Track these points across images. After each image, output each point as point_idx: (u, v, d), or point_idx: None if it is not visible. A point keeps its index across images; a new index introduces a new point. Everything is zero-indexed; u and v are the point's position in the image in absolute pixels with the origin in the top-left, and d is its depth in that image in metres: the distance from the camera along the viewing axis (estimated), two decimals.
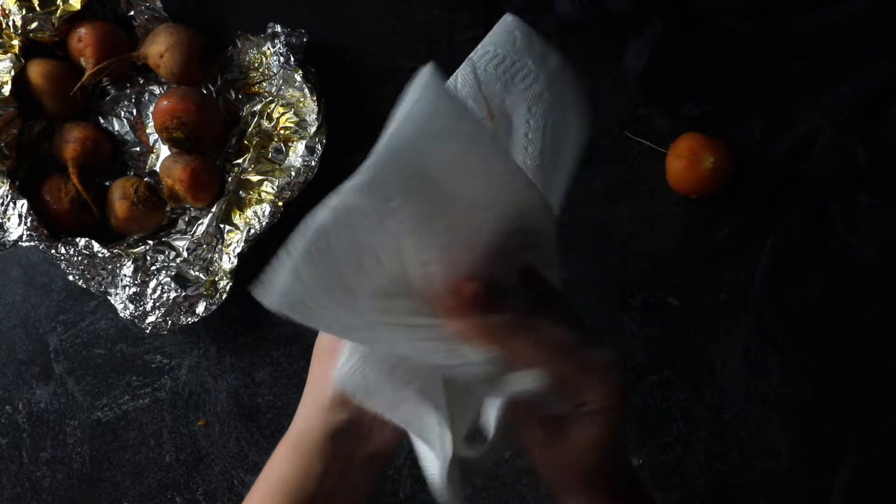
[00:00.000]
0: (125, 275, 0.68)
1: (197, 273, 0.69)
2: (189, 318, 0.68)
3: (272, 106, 0.72)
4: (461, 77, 0.40)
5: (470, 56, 0.40)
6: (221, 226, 0.70)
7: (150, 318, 0.68)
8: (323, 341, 0.44)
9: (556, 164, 0.40)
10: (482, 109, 0.39)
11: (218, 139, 0.73)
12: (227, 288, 0.68)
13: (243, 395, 0.71)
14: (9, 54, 0.70)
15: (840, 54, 0.68)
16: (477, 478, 0.48)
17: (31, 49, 0.72)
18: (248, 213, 0.70)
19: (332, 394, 0.40)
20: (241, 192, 0.71)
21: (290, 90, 0.71)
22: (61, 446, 0.72)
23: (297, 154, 0.71)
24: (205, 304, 0.68)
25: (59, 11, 0.71)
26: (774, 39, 0.68)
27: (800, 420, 0.66)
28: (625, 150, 0.71)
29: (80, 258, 0.67)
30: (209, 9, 0.76)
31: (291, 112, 0.71)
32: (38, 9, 0.71)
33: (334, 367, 0.38)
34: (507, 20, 0.41)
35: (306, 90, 0.70)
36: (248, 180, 0.71)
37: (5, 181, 0.67)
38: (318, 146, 0.71)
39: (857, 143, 0.66)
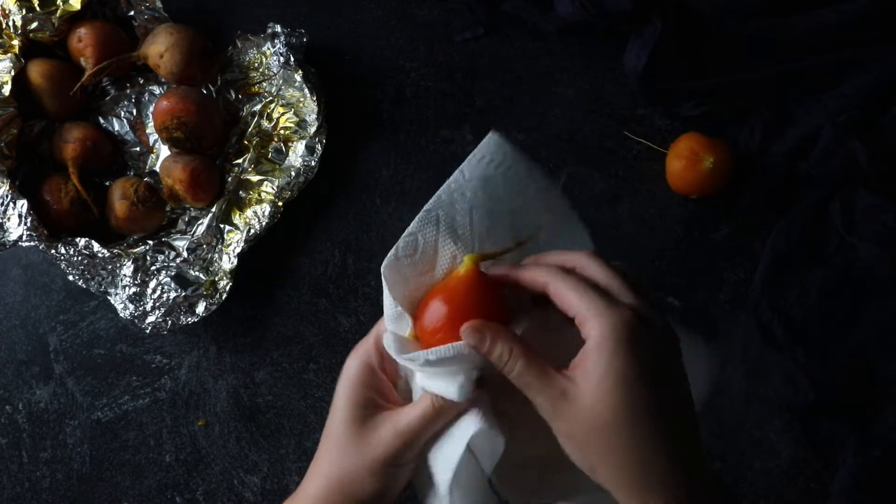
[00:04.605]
0: (125, 275, 0.68)
1: (197, 273, 0.69)
2: (189, 318, 0.68)
3: (272, 106, 0.72)
4: (453, 183, 0.38)
5: (460, 167, 0.39)
6: (221, 226, 0.70)
7: (150, 318, 0.68)
8: (339, 395, 0.42)
9: None
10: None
11: (218, 139, 0.73)
12: (227, 288, 0.68)
13: (243, 395, 0.71)
14: (9, 54, 0.70)
15: (840, 54, 0.68)
16: None
17: (31, 49, 0.72)
18: (248, 213, 0.70)
19: (383, 460, 0.39)
20: (241, 192, 0.71)
21: (290, 90, 0.71)
22: (61, 446, 0.72)
23: (297, 154, 0.71)
24: (205, 304, 0.68)
25: (59, 11, 0.71)
26: (774, 39, 0.68)
27: (800, 420, 0.66)
28: (625, 150, 0.71)
29: (80, 258, 0.67)
30: (209, 9, 0.76)
31: (291, 112, 0.71)
32: (38, 9, 0.71)
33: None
34: (494, 137, 0.39)
35: (306, 90, 0.70)
36: (248, 180, 0.71)
37: (5, 181, 0.67)
38: (318, 146, 0.71)
39: (857, 143, 0.66)
